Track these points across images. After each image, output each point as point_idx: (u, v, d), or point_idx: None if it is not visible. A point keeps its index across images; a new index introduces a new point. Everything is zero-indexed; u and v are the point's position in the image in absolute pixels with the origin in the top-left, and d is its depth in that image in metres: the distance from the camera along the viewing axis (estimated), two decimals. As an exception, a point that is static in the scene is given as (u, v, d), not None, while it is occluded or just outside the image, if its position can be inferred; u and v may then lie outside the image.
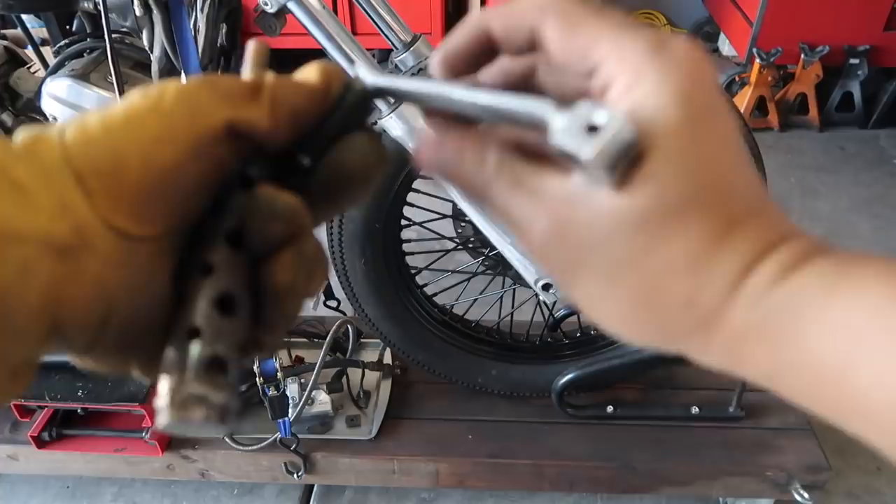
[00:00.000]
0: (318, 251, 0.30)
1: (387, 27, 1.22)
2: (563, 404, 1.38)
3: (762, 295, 0.25)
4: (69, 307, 0.24)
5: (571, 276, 0.27)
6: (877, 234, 2.36)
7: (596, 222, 0.25)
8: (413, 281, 1.37)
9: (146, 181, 0.25)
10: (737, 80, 3.04)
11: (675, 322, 0.27)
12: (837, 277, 0.24)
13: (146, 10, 1.01)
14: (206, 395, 0.25)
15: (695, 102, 0.25)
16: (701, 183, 0.25)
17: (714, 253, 0.25)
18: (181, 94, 0.26)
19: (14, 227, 0.23)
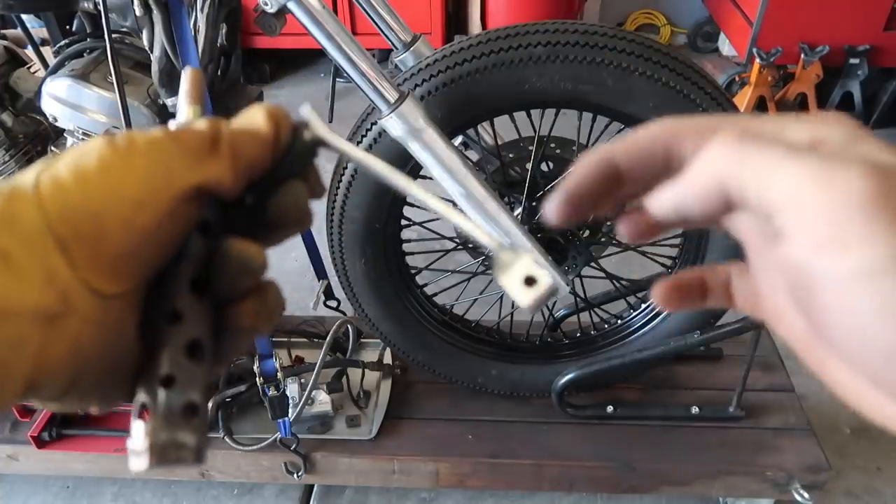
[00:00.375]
0: (279, 298, 0.32)
1: (387, 27, 1.22)
2: (563, 404, 1.38)
3: None
4: (47, 367, 0.25)
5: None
6: (877, 234, 2.36)
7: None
8: (413, 281, 1.37)
9: (127, 243, 0.26)
10: (737, 80, 3.04)
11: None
12: None
13: (146, 10, 1.00)
14: (182, 440, 0.26)
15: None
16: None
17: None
18: (153, 149, 0.27)
19: (7, 303, 0.23)
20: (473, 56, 1.03)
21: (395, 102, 0.97)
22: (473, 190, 1.03)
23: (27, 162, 1.20)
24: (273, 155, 0.30)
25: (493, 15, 3.34)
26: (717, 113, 1.05)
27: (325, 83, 3.45)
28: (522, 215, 1.26)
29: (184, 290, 0.29)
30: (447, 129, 1.06)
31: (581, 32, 1.03)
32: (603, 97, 1.05)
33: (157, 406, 0.27)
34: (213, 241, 0.29)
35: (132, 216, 0.26)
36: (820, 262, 0.23)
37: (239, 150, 0.29)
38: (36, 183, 0.25)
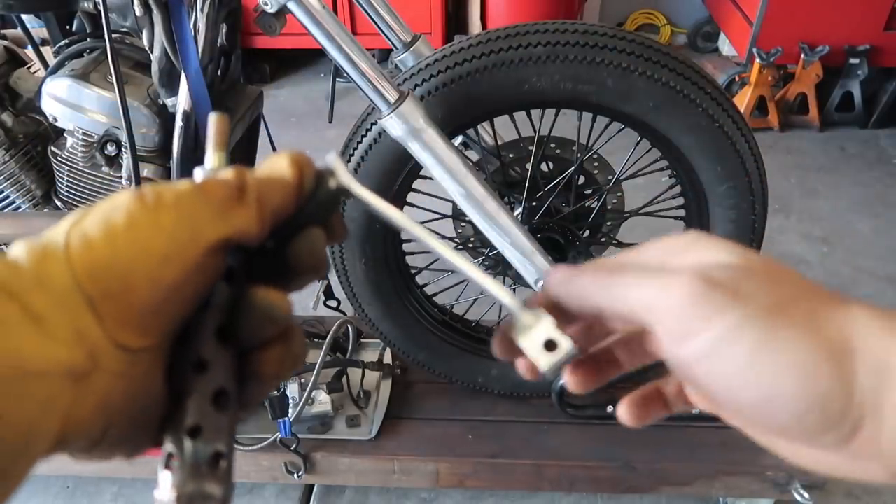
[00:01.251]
0: (303, 346, 0.32)
1: (387, 27, 1.22)
2: (563, 404, 1.38)
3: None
4: (77, 425, 0.25)
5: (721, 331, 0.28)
6: (877, 234, 2.36)
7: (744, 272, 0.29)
8: (413, 281, 1.37)
9: (154, 300, 0.26)
10: (737, 80, 3.04)
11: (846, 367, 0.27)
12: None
13: (146, 10, 1.00)
14: (209, 491, 0.26)
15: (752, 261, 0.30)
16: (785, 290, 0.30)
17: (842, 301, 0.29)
18: (180, 204, 0.27)
19: (38, 364, 0.23)
20: (473, 56, 1.03)
21: (395, 102, 0.97)
22: (473, 190, 1.03)
23: (27, 162, 1.20)
24: (297, 201, 0.31)
25: (493, 15, 3.33)
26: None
27: (325, 83, 3.45)
28: (522, 215, 1.26)
29: (209, 338, 0.29)
30: (447, 129, 1.06)
31: (581, 32, 1.03)
32: (603, 97, 1.05)
33: (184, 456, 0.27)
34: (237, 288, 0.30)
35: (159, 272, 0.26)
36: (681, 350, 0.29)
37: (264, 199, 0.29)
38: (66, 241, 0.26)
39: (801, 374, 0.27)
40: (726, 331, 0.27)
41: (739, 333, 0.27)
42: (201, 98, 1.05)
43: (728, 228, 1.17)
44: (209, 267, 0.28)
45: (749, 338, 0.27)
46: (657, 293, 0.29)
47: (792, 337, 0.27)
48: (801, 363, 0.27)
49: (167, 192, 0.27)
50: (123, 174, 1.16)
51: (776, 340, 0.27)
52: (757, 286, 0.28)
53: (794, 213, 2.47)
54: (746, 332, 0.27)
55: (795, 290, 0.29)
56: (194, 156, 1.12)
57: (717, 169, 1.10)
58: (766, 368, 0.27)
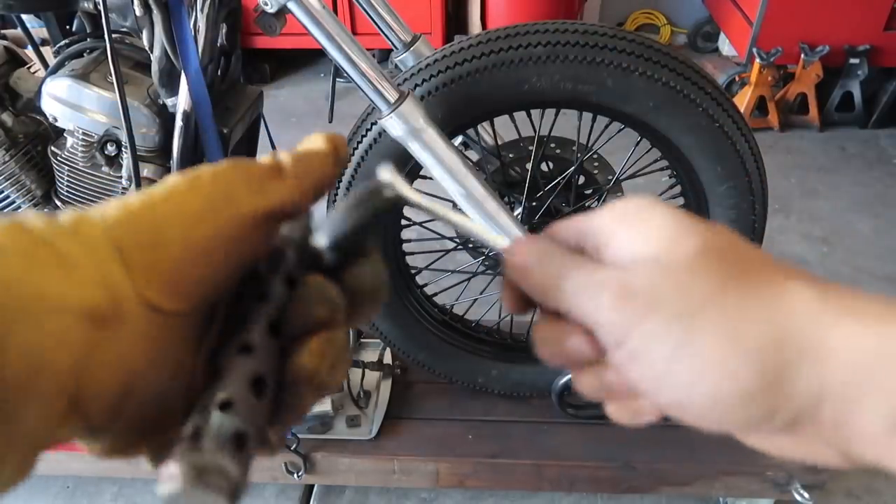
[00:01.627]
0: (347, 344, 0.31)
1: (387, 27, 1.22)
2: (563, 404, 1.38)
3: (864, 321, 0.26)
4: (94, 378, 0.24)
5: (645, 332, 0.28)
6: (877, 234, 2.36)
7: (666, 270, 0.29)
8: (413, 281, 1.37)
9: (185, 257, 0.26)
10: (737, 80, 3.04)
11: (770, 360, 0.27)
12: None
13: (146, 10, 1.01)
14: (224, 467, 0.24)
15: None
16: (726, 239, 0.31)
17: (784, 284, 0.28)
18: (217, 175, 0.28)
19: (58, 299, 0.23)
20: (473, 56, 1.03)
21: (395, 102, 0.97)
22: (473, 190, 1.03)
23: (27, 162, 1.20)
24: (334, 172, 0.32)
25: (493, 15, 3.34)
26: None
27: (325, 83, 3.45)
28: (522, 215, 1.26)
29: (260, 326, 0.29)
30: (447, 129, 1.06)
31: (581, 32, 1.03)
32: (603, 97, 1.05)
33: (209, 425, 0.25)
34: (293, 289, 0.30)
35: (191, 228, 0.26)
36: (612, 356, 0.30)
37: (302, 172, 0.30)
38: (106, 209, 0.26)
39: (718, 374, 0.27)
40: (643, 338, 0.28)
41: (656, 340, 0.28)
42: (201, 98, 1.05)
43: (728, 228, 1.17)
44: (248, 239, 0.28)
45: (665, 344, 0.28)
46: (589, 302, 0.30)
47: (708, 339, 0.27)
48: (717, 364, 0.27)
49: (206, 168, 0.28)
50: (123, 174, 1.16)
51: (691, 344, 0.27)
52: (677, 285, 0.28)
53: (794, 213, 2.47)
54: (662, 339, 0.28)
55: (724, 277, 0.28)
56: (194, 156, 1.12)
57: (717, 169, 1.10)
58: (683, 373, 0.28)
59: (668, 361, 0.28)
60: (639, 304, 0.28)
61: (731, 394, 0.27)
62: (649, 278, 0.29)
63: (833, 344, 0.26)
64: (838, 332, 0.26)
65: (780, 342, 0.27)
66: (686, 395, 0.28)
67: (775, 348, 0.27)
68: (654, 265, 0.29)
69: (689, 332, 0.27)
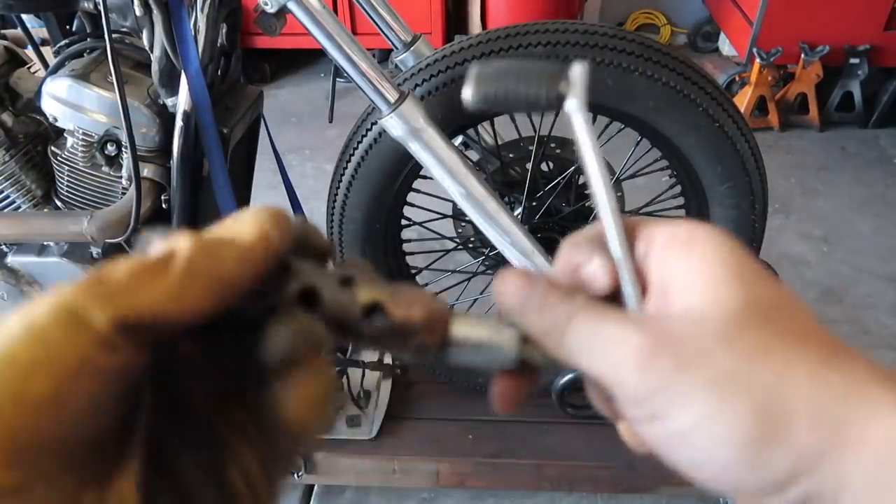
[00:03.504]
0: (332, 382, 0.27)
1: (387, 27, 1.22)
2: (563, 404, 1.38)
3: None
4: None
5: (671, 396, 0.26)
6: (877, 234, 2.36)
7: (700, 330, 0.26)
8: (413, 281, 1.37)
9: (17, 422, 0.20)
10: (737, 80, 3.04)
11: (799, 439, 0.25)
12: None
13: (146, 10, 1.01)
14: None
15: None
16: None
17: (830, 360, 0.26)
18: (57, 303, 0.21)
19: None
20: (473, 56, 1.03)
21: (395, 102, 0.97)
22: (473, 190, 1.03)
23: (27, 162, 1.20)
24: (260, 268, 0.25)
25: (493, 15, 3.34)
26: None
27: (325, 83, 3.45)
28: (522, 215, 1.26)
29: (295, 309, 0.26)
30: (447, 129, 1.06)
31: (581, 32, 1.03)
32: (603, 97, 1.05)
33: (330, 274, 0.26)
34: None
35: (22, 386, 0.20)
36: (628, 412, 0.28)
37: (205, 265, 0.23)
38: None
39: (744, 448, 0.25)
40: (669, 402, 0.26)
41: (684, 406, 0.26)
42: (201, 98, 1.05)
43: (728, 228, 1.16)
44: (99, 368, 0.21)
45: (692, 410, 0.26)
46: (604, 359, 0.27)
47: (742, 412, 0.25)
48: (746, 438, 0.25)
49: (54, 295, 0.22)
50: (123, 174, 1.16)
51: (723, 413, 0.25)
52: (719, 343, 0.26)
53: (794, 212, 2.47)
54: (690, 405, 0.26)
55: (771, 339, 0.26)
56: (194, 155, 1.12)
57: (717, 169, 1.10)
58: (706, 440, 0.26)
59: (693, 428, 0.26)
60: (669, 364, 0.26)
61: (750, 460, 0.25)
62: (688, 333, 0.26)
63: (869, 434, 0.24)
64: (877, 423, 0.24)
65: (817, 424, 0.25)
66: (704, 460, 0.26)
67: (809, 428, 0.25)
68: (696, 317, 0.27)
69: (722, 402, 0.25)
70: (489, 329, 0.29)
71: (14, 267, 1.21)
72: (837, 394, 0.25)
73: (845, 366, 0.26)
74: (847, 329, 1.96)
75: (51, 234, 1.17)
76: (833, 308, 2.05)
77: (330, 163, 1.14)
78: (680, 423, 0.26)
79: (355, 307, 0.27)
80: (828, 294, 2.10)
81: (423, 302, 0.28)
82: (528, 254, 1.08)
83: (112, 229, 1.13)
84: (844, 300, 2.08)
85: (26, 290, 1.22)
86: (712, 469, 0.26)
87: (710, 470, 0.27)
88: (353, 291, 0.27)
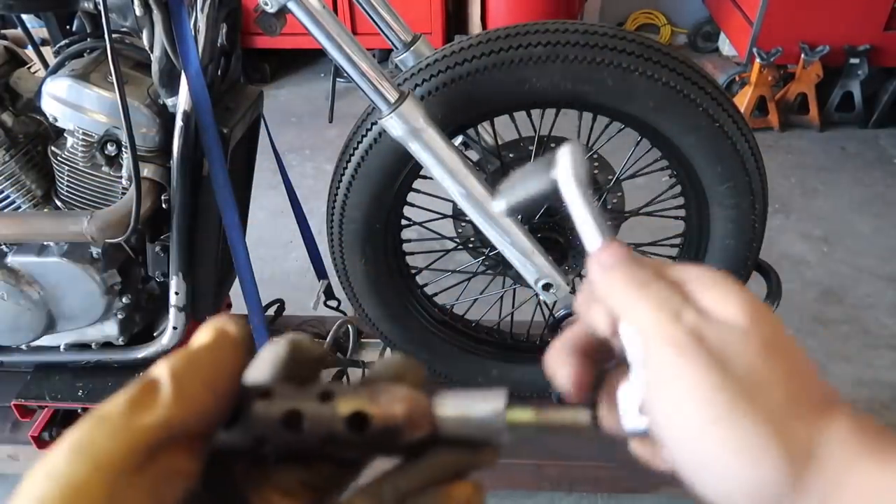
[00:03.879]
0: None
1: (387, 27, 1.22)
2: (563, 404, 1.38)
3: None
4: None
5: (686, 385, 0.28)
6: (877, 234, 2.36)
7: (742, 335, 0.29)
8: (413, 281, 1.37)
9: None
10: (737, 80, 3.04)
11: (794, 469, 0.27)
12: None
13: (146, 10, 1.01)
14: None
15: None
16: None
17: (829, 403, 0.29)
18: (74, 445, 0.24)
19: None
20: (473, 56, 1.03)
21: (395, 102, 0.97)
22: (473, 190, 1.03)
23: (27, 162, 1.20)
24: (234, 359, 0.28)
25: (493, 15, 3.34)
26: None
27: (325, 83, 3.45)
28: (522, 215, 1.26)
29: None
30: (447, 129, 1.06)
31: (581, 32, 1.03)
32: (603, 97, 1.05)
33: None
34: None
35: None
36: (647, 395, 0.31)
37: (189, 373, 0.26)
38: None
39: (746, 457, 0.27)
40: (685, 389, 0.28)
41: (699, 399, 0.28)
42: (201, 98, 1.05)
43: (728, 228, 1.17)
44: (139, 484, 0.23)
45: (710, 408, 0.28)
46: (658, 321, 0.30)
47: (752, 422, 0.27)
48: (750, 448, 0.27)
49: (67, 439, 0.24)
50: (123, 174, 1.16)
51: (735, 419, 0.27)
52: (748, 353, 0.29)
53: (794, 212, 2.47)
54: (705, 399, 0.28)
55: (789, 371, 0.29)
56: (194, 155, 1.12)
57: (717, 169, 1.10)
58: (714, 442, 0.28)
59: (703, 426, 0.28)
60: (701, 350, 0.28)
61: (749, 478, 0.27)
62: (729, 334, 0.29)
63: (851, 479, 0.27)
64: (859, 469, 0.27)
65: (811, 457, 0.27)
66: (704, 462, 0.28)
67: (806, 460, 0.27)
68: (736, 325, 0.29)
69: (734, 405, 0.27)
70: (474, 402, 0.30)
71: (14, 267, 1.21)
72: (832, 441, 0.27)
73: (841, 416, 0.28)
74: (847, 329, 1.96)
75: (51, 234, 1.16)
76: (833, 308, 2.05)
77: (330, 163, 1.15)
78: (693, 421, 0.28)
79: (338, 421, 0.28)
80: (828, 294, 2.10)
81: (403, 396, 0.29)
82: (528, 254, 1.08)
83: (112, 229, 1.13)
84: (844, 300, 2.08)
85: (26, 290, 1.22)
86: (711, 475, 0.28)
87: (708, 476, 0.28)
88: (334, 405, 0.28)
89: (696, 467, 0.29)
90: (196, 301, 1.27)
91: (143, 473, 0.24)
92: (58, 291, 1.23)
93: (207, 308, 1.30)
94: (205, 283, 1.27)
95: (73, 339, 1.33)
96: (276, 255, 2.25)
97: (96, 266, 1.22)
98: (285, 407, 0.28)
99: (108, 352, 1.34)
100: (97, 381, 1.36)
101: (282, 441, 0.28)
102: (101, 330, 1.31)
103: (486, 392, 0.30)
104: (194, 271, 1.24)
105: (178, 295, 1.24)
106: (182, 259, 1.21)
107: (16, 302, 1.22)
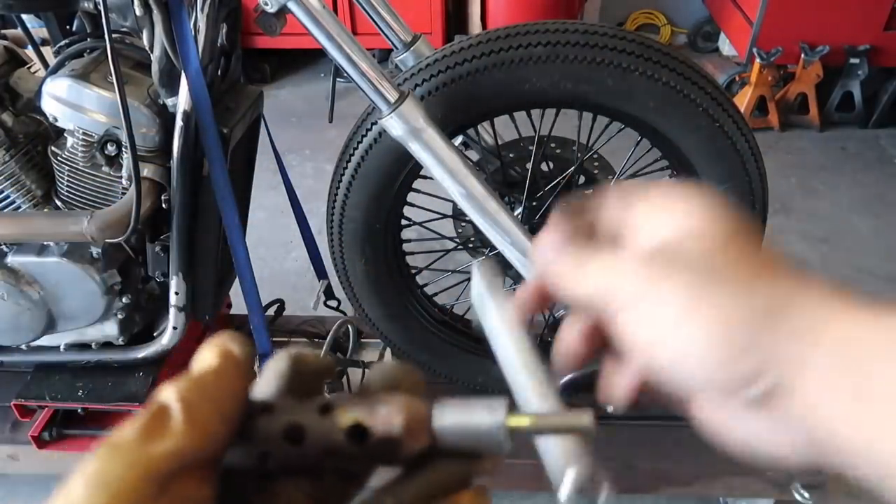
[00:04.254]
0: None
1: (387, 27, 1.22)
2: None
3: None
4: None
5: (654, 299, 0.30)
6: (877, 234, 2.36)
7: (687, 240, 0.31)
8: (413, 281, 1.37)
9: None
10: (737, 80, 3.04)
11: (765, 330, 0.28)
12: None
13: (146, 9, 1.00)
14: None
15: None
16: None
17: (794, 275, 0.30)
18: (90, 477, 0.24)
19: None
20: (473, 56, 1.03)
21: (395, 102, 0.97)
22: (473, 190, 1.03)
23: (27, 162, 1.20)
24: (239, 381, 0.28)
25: (493, 15, 3.34)
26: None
27: (325, 83, 3.45)
28: (522, 215, 1.26)
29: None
30: (447, 129, 1.06)
31: (581, 32, 1.03)
32: (603, 97, 1.05)
33: None
34: None
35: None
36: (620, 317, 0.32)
37: (196, 399, 0.26)
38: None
39: (714, 332, 0.28)
40: (654, 302, 0.30)
41: (665, 304, 0.29)
42: (201, 98, 1.05)
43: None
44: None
45: (672, 307, 0.29)
46: (610, 279, 0.32)
47: (717, 298, 0.29)
48: (717, 322, 0.28)
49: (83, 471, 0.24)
50: (123, 174, 1.16)
51: (697, 310, 0.29)
52: (698, 252, 0.30)
53: (794, 213, 2.47)
54: (670, 303, 0.29)
55: (742, 256, 0.30)
56: (194, 155, 1.12)
57: (717, 169, 1.10)
58: (682, 338, 0.29)
59: (672, 325, 0.29)
60: (657, 269, 0.30)
61: (721, 352, 0.28)
62: (673, 245, 0.31)
63: (825, 328, 0.28)
64: (833, 322, 0.28)
65: (782, 317, 0.28)
66: (680, 356, 0.29)
67: (776, 320, 0.28)
68: (681, 234, 0.31)
69: (697, 299, 0.29)
70: (474, 411, 0.30)
71: (14, 267, 1.21)
72: (799, 297, 0.29)
73: (808, 282, 0.29)
74: (847, 329, 1.96)
75: (51, 234, 1.17)
76: (833, 308, 2.05)
77: (330, 163, 1.15)
78: (662, 320, 0.30)
79: (338, 433, 0.28)
80: (828, 294, 2.10)
81: (401, 406, 0.29)
82: (529, 254, 1.08)
83: (112, 229, 1.13)
84: (844, 300, 2.08)
85: (26, 290, 1.22)
86: (688, 364, 0.30)
87: (686, 365, 0.30)
88: (333, 417, 0.29)
89: (677, 366, 0.30)
90: (196, 301, 1.27)
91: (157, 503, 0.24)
92: (58, 291, 1.23)
93: (207, 308, 1.30)
94: (205, 283, 1.27)
95: (73, 339, 1.33)
96: (276, 255, 2.25)
97: (96, 266, 1.22)
98: (286, 421, 0.28)
99: (108, 352, 1.34)
100: (97, 381, 1.36)
101: (285, 455, 0.28)
102: (101, 330, 1.31)
103: (486, 400, 0.30)
104: (194, 271, 1.24)
105: (178, 295, 1.24)
106: (182, 259, 1.21)
107: (16, 302, 1.22)
